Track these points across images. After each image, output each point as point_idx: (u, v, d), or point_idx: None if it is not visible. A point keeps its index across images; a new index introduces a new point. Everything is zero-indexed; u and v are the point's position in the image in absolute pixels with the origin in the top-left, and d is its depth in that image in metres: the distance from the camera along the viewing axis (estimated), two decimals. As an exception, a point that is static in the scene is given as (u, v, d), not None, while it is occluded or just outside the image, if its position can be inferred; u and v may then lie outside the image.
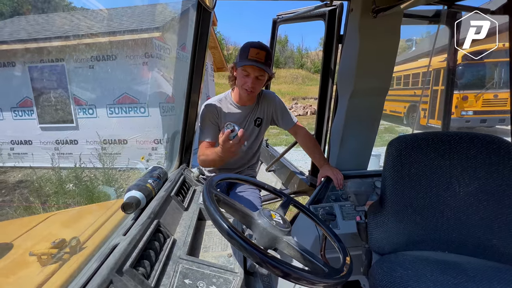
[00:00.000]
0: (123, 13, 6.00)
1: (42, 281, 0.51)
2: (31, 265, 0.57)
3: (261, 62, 1.20)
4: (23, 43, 4.84)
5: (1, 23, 5.66)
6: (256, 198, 1.42)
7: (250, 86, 1.23)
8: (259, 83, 1.26)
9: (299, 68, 27.99)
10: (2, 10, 6.22)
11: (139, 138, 5.11)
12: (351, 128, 1.35)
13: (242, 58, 1.21)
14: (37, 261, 0.58)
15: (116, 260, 0.42)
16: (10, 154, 5.32)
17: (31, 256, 0.58)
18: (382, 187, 0.95)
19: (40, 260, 0.57)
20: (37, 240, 0.73)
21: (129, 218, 0.66)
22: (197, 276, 0.50)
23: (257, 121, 1.42)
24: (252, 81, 1.23)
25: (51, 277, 0.52)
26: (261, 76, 1.24)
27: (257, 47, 1.20)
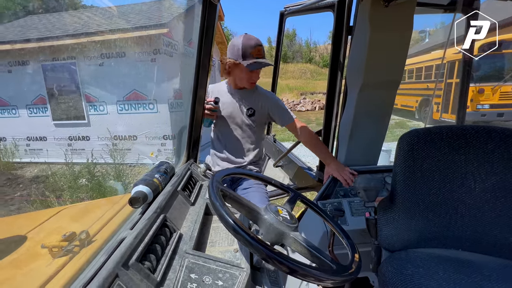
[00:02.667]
0: (131, 10, 6.04)
1: (53, 272, 0.52)
2: (43, 257, 0.58)
3: (264, 57, 1.36)
4: (36, 42, 4.96)
5: (15, 23, 5.81)
6: (263, 194, 1.42)
7: (255, 79, 1.40)
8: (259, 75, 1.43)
9: (307, 63, 27.58)
10: (16, 9, 6.38)
11: (148, 134, 5.19)
12: (361, 123, 1.32)
13: (247, 57, 1.31)
14: (49, 253, 0.59)
15: (122, 254, 0.42)
16: (27, 150, 5.51)
17: (43, 248, 0.60)
18: (392, 182, 0.93)
19: (51, 252, 0.59)
20: (48, 233, 0.75)
21: (136, 213, 0.66)
22: (203, 271, 0.50)
23: (249, 111, 1.47)
24: (257, 75, 1.40)
25: (61, 269, 0.54)
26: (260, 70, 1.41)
27: (256, 45, 1.33)
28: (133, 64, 5.04)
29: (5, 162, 4.94)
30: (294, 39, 30.24)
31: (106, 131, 5.02)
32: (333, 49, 1.45)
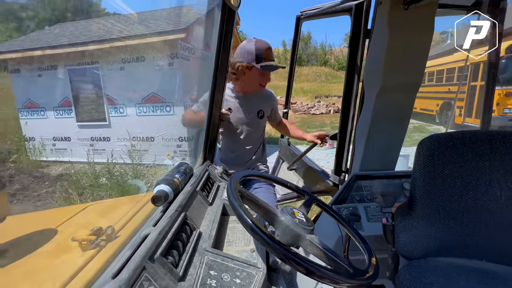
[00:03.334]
0: (151, 16, 6.28)
1: (83, 264, 0.56)
2: (73, 250, 0.62)
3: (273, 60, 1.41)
4: (64, 48, 5.27)
5: (46, 30, 6.21)
6: (271, 195, 1.45)
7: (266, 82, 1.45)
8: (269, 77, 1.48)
9: (322, 66, 27.31)
10: (46, 17, 6.82)
11: (165, 136, 5.34)
12: (378, 127, 1.30)
13: (260, 60, 1.37)
14: (78, 246, 0.63)
15: (148, 248, 0.45)
16: (52, 150, 5.83)
17: (73, 241, 0.64)
18: (411, 188, 0.91)
19: (81, 245, 0.63)
20: (77, 227, 0.80)
21: (158, 211, 0.69)
22: (222, 268, 0.52)
23: (260, 113, 1.56)
24: (267, 78, 1.45)
25: (90, 261, 0.57)
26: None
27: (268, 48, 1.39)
28: (152, 68, 5.24)
29: (33, 160, 5.25)
30: (309, 42, 30.08)
31: (125, 132, 5.23)
32: (350, 52, 1.44)
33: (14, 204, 3.34)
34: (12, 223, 0.68)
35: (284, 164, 2.54)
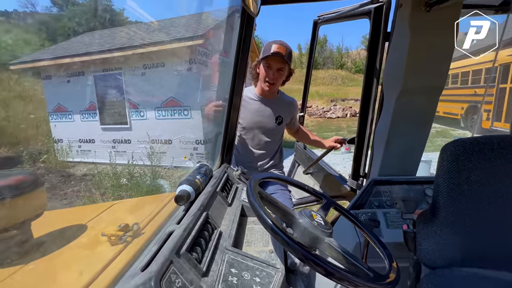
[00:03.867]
0: (171, 23, 6.53)
1: (112, 257, 0.60)
2: (103, 244, 0.67)
3: (282, 55, 1.35)
4: (90, 55, 5.60)
5: (74, 39, 6.64)
6: (287, 200, 1.44)
7: (271, 77, 1.39)
8: (279, 75, 1.41)
9: (339, 69, 26.92)
10: (75, 28, 7.29)
11: (182, 139, 5.50)
12: (398, 131, 1.27)
13: (265, 53, 1.38)
14: (107, 241, 0.68)
15: (174, 244, 0.48)
16: (78, 151, 6.17)
17: (103, 236, 0.68)
18: (434, 194, 0.88)
19: (109, 240, 0.67)
20: (105, 224, 0.86)
21: (180, 210, 0.73)
22: (242, 267, 0.54)
23: (279, 119, 1.54)
24: (273, 73, 1.39)
25: (119, 255, 0.61)
26: (282, 69, 1.40)
27: (278, 43, 1.37)
28: (171, 73, 5.44)
29: (61, 161, 5.59)
30: (325, 45, 29.79)
31: (145, 135, 5.44)
32: (368, 55, 1.42)
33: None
34: (48, 218, 0.73)
35: (299, 168, 2.53)
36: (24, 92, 6.47)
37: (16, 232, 0.66)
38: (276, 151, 1.61)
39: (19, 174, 0.66)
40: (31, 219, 0.68)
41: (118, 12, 7.08)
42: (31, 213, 0.67)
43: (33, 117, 6.20)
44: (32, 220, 0.69)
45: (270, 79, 1.40)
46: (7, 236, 0.63)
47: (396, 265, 0.62)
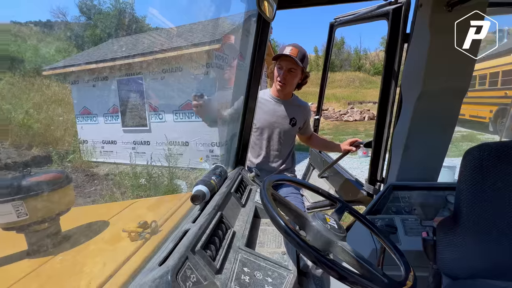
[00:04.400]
0: (189, 29, 6.74)
1: (132, 252, 0.63)
2: (123, 239, 0.71)
3: (293, 55, 1.36)
4: (114, 61, 5.91)
5: (100, 46, 7.04)
6: (299, 203, 1.43)
7: (282, 77, 1.41)
8: (291, 76, 1.42)
9: (356, 71, 26.34)
10: (101, 35, 7.73)
11: (198, 141, 5.62)
12: (418, 134, 1.23)
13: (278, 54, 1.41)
14: (128, 237, 0.72)
15: (190, 241, 0.50)
16: (101, 152, 6.50)
17: (124, 232, 0.72)
18: (456, 201, 0.84)
19: (130, 236, 0.71)
20: (125, 221, 0.90)
21: (195, 209, 0.75)
22: (255, 267, 0.55)
23: (292, 121, 1.54)
24: (284, 73, 1.40)
25: (138, 250, 0.65)
26: (293, 69, 1.41)
27: (291, 45, 1.39)
28: (188, 77, 5.60)
29: (85, 161, 5.91)
30: (343, 47, 29.30)
31: (163, 137, 5.62)
32: (386, 57, 1.39)
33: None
34: (74, 213, 0.79)
35: (314, 171, 2.50)
36: (54, 96, 6.94)
37: (47, 225, 0.71)
38: (289, 154, 1.61)
39: (53, 172, 0.72)
40: (61, 214, 0.74)
41: (140, 19, 7.41)
42: (61, 208, 0.72)
43: (62, 119, 6.62)
44: (61, 215, 0.74)
45: (281, 79, 1.42)
46: (40, 228, 0.69)
47: (413, 273, 0.60)
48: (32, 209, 0.66)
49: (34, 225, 0.69)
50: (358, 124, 12.36)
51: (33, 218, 0.67)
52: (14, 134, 5.25)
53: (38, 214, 0.68)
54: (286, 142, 1.56)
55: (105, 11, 9.42)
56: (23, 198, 0.65)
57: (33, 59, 6.16)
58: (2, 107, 5.04)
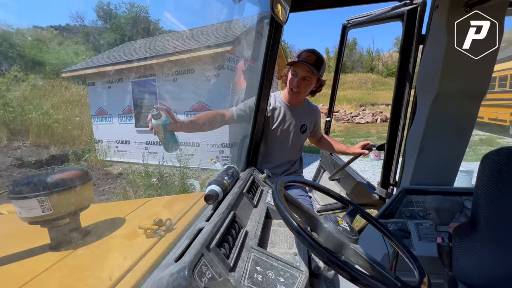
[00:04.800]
0: (201, 31, 6.85)
1: (148, 248, 0.66)
2: (139, 236, 0.73)
3: (309, 63, 1.29)
4: (129, 63, 6.09)
5: (115, 49, 7.27)
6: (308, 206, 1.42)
7: (295, 85, 1.34)
8: (305, 84, 1.35)
9: (369, 72, 25.89)
10: (116, 38, 7.98)
11: (209, 142, 5.69)
12: (433, 138, 1.20)
13: (294, 60, 1.36)
14: (143, 233, 0.74)
15: (205, 239, 0.51)
16: (115, 151, 6.69)
17: (140, 229, 0.75)
18: (473, 207, 0.82)
19: (145, 232, 0.73)
20: (141, 218, 0.93)
21: (209, 208, 0.77)
22: (267, 266, 0.56)
23: (303, 127, 1.51)
24: (298, 81, 1.34)
25: (154, 247, 0.67)
26: (308, 78, 1.34)
27: (308, 51, 1.33)
28: (200, 78, 5.69)
29: (100, 160, 6.10)
30: (355, 48, 28.89)
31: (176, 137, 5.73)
32: (401, 58, 1.37)
33: (85, 196, 3.91)
34: (92, 210, 0.82)
35: (325, 174, 2.48)
36: (72, 97, 7.22)
37: (68, 220, 0.75)
38: (297, 159, 1.59)
39: (74, 169, 0.76)
40: (81, 210, 0.77)
41: (153, 23, 7.61)
42: (81, 204, 0.76)
43: (79, 120, 6.87)
44: (81, 211, 0.78)
45: (293, 87, 1.36)
46: (62, 223, 0.73)
47: (428, 279, 0.59)
48: (56, 204, 0.70)
49: (56, 220, 0.72)
50: (370, 127, 12.13)
51: (56, 213, 0.70)
52: (35, 134, 5.49)
53: (61, 209, 0.71)
54: (295, 148, 1.53)
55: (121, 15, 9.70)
56: (47, 194, 0.69)
57: (53, 61, 6.44)
58: (25, 108, 5.29)
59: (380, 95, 19.45)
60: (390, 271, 0.55)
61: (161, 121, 0.99)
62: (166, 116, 1.01)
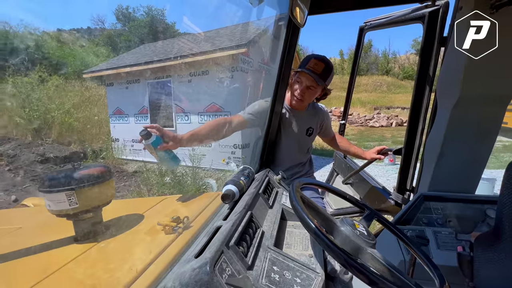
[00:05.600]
0: (216, 34, 6.95)
1: (167, 244, 0.68)
2: (158, 232, 0.76)
3: (316, 72, 1.25)
4: (146, 65, 6.27)
5: (133, 51, 7.51)
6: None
7: (299, 93, 1.31)
8: (309, 93, 1.32)
9: (384, 75, 25.29)
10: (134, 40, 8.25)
11: (221, 143, 5.75)
12: (454, 143, 1.16)
13: (301, 66, 1.31)
14: (162, 230, 0.77)
15: (224, 236, 0.53)
16: (131, 150, 6.88)
17: (159, 225, 0.78)
18: (497, 215, 0.79)
19: (164, 229, 0.76)
20: (159, 215, 0.96)
21: (225, 207, 0.78)
22: (283, 266, 0.56)
23: (309, 131, 1.48)
24: (302, 89, 1.31)
25: (173, 243, 0.69)
26: (312, 87, 1.30)
27: (317, 58, 1.28)
28: (214, 80, 5.77)
29: (117, 158, 6.30)
30: (370, 50, 28.33)
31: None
32: (421, 61, 1.34)
33: (102, 192, 4.06)
34: (112, 206, 0.86)
35: (338, 177, 2.45)
36: (92, 97, 7.51)
37: (92, 215, 0.79)
38: (306, 160, 1.57)
39: (99, 166, 0.80)
40: (104, 205, 0.81)
41: (170, 26, 7.79)
42: (104, 199, 0.79)
43: (97, 119, 7.13)
44: (104, 206, 0.81)
45: (298, 95, 1.32)
46: (86, 216, 0.76)
47: (449, 287, 0.58)
48: (81, 199, 0.73)
49: (82, 214, 0.76)
50: (385, 130, 11.83)
51: (81, 207, 0.74)
52: (57, 131, 5.75)
53: (86, 203, 0.75)
54: (302, 151, 1.52)
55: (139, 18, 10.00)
56: (74, 189, 0.73)
57: (75, 63, 6.73)
58: (48, 107, 5.56)
59: (395, 98, 18.96)
60: (409, 277, 0.55)
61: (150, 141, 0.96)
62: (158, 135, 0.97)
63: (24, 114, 4.97)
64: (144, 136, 0.96)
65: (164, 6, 13.23)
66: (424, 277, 0.66)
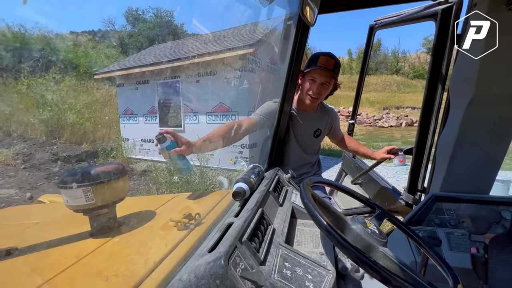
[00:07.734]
0: (224, 34, 7.00)
1: (180, 239, 0.69)
2: (171, 228, 0.78)
3: (329, 68, 1.26)
4: (155, 66, 6.37)
5: (143, 52, 7.64)
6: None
7: (315, 91, 1.31)
8: (324, 89, 1.32)
9: (394, 74, 24.87)
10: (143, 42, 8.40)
11: (229, 142, 5.79)
12: (467, 143, 1.14)
13: (311, 65, 1.31)
14: (174, 226, 0.78)
15: (237, 232, 0.54)
16: (140, 149, 7.01)
17: (171, 221, 0.79)
18: None
19: (177, 225, 0.77)
20: (171, 211, 0.98)
21: (236, 205, 0.80)
22: (295, 263, 0.57)
23: (317, 132, 1.47)
24: (317, 87, 1.31)
25: (185, 239, 0.71)
26: (327, 83, 1.31)
27: (326, 55, 1.29)
28: (222, 80, 5.81)
29: (126, 157, 6.43)
30: (379, 49, 27.91)
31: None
32: (433, 59, 1.32)
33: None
34: (125, 203, 0.88)
35: (347, 177, 2.43)
36: (102, 97, 7.67)
37: (107, 210, 0.81)
38: (315, 161, 1.57)
39: (114, 164, 0.82)
40: (118, 201, 0.83)
41: (178, 27, 7.91)
42: (119, 195, 0.81)
43: (107, 119, 7.28)
44: (118, 202, 0.84)
45: (313, 93, 1.31)
46: (102, 212, 0.79)
47: (463, 287, 0.57)
48: (97, 195, 0.76)
49: (97, 209, 0.78)
50: (394, 130, 11.64)
51: (97, 203, 0.77)
52: (69, 131, 5.91)
53: (101, 199, 0.77)
54: (310, 152, 1.52)
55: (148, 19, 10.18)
56: (91, 185, 0.75)
57: (87, 64, 6.90)
58: (61, 107, 5.71)
59: (405, 98, 18.61)
60: (422, 276, 0.54)
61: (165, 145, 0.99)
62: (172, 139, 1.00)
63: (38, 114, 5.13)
64: (159, 140, 0.98)
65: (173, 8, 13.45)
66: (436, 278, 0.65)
